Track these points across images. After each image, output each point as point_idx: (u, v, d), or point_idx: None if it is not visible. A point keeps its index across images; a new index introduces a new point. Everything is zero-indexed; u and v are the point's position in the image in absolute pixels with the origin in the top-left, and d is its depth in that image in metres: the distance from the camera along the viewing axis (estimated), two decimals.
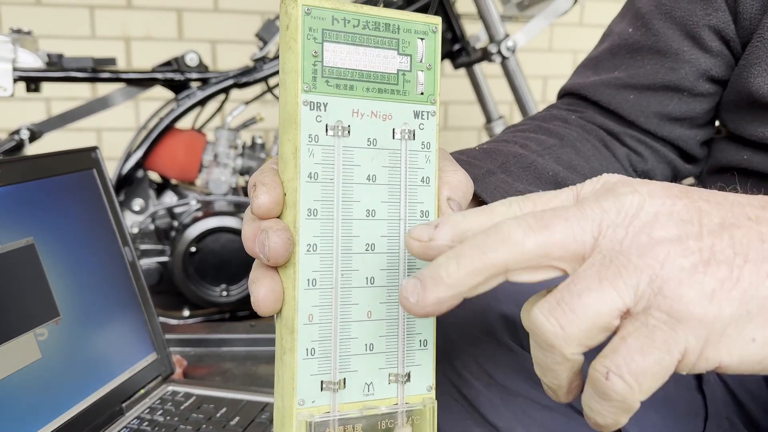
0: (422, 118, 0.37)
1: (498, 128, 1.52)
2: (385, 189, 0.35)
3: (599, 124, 0.64)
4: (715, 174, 0.64)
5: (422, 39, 0.36)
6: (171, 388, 0.73)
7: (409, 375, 0.36)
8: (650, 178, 0.64)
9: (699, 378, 0.54)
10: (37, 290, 0.60)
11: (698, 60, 0.60)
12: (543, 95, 2.34)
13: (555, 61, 2.34)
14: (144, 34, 1.99)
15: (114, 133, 1.99)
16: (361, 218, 0.35)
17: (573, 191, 0.33)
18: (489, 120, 1.53)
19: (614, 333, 0.28)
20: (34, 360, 0.58)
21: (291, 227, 0.33)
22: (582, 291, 0.28)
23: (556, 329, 0.28)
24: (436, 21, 0.37)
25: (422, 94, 0.37)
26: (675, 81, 0.61)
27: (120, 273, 0.73)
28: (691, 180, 0.70)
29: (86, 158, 0.71)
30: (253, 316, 1.40)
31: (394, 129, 0.36)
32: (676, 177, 0.67)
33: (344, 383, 0.34)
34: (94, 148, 0.72)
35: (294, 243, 0.33)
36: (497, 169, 0.54)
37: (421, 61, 0.37)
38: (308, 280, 0.33)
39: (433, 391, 0.37)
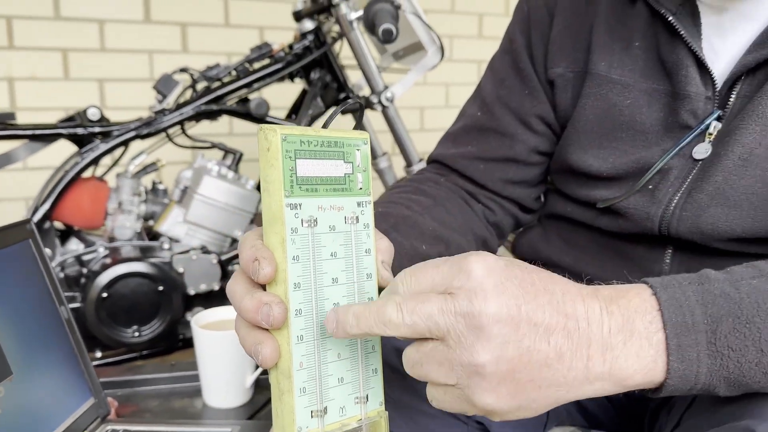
0: (363, 207, 0.48)
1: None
2: (343, 261, 0.46)
3: (461, 186, 0.81)
4: (551, 219, 0.82)
5: (358, 150, 0.48)
6: (110, 427, 0.79)
7: (367, 396, 0.47)
8: (500, 228, 0.82)
9: None
10: None
11: (529, 139, 0.79)
12: (421, 124, 2.50)
13: (429, 95, 2.50)
14: (29, 74, 1.98)
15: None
16: (329, 285, 0.45)
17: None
18: (409, 164, 1.62)
19: None
20: None
21: (283, 298, 0.44)
22: None
23: None
24: (365, 136, 0.48)
25: (361, 189, 0.47)
26: (513, 155, 0.79)
27: (58, 329, 0.78)
28: (535, 222, 0.87)
29: (22, 230, 0.77)
30: (166, 352, 1.46)
31: (345, 216, 0.47)
32: (518, 224, 0.85)
33: (326, 410, 0.45)
34: (28, 221, 0.78)
35: (286, 310, 0.44)
36: (390, 229, 0.68)
37: (358, 166, 0.48)
38: (297, 336, 0.43)
39: (383, 405, 0.48)
